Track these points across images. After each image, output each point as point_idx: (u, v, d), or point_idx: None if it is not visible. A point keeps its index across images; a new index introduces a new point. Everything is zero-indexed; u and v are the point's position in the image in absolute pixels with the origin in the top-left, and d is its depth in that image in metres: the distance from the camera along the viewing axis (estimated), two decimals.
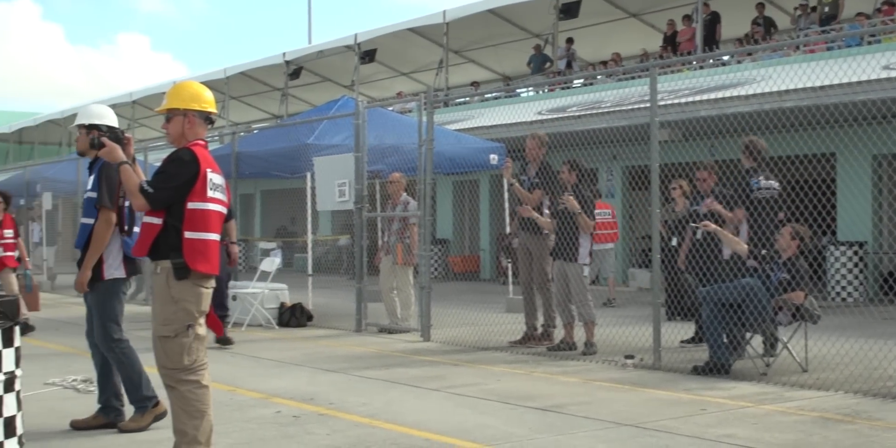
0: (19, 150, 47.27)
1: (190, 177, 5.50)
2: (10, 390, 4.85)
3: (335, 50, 30.15)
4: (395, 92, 32.40)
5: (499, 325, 11.99)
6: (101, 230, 6.69)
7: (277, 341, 11.93)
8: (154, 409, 6.86)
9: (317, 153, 13.43)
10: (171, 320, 5.49)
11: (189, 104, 5.76)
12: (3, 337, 4.81)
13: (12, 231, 12.05)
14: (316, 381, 8.90)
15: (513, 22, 27.04)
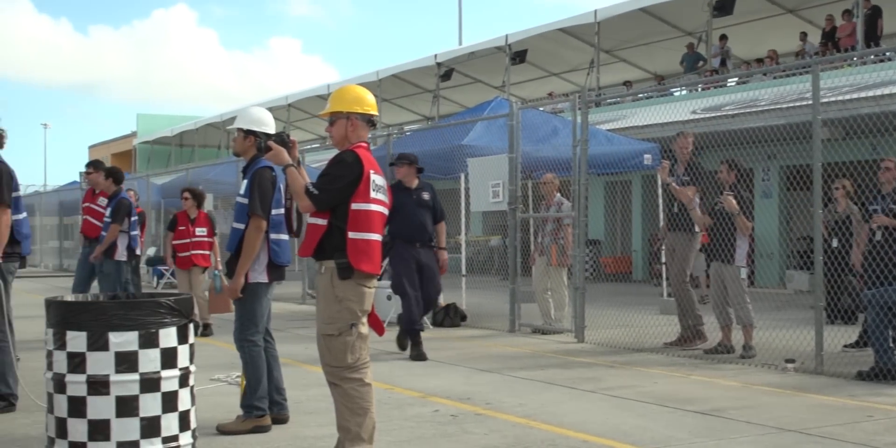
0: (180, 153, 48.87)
1: (353, 178, 5.61)
2: (185, 385, 5.05)
3: (486, 51, 30.28)
4: (545, 92, 32.35)
5: (653, 326, 11.88)
6: (252, 237, 6.83)
7: (432, 341, 12.03)
8: (259, 419, 6.89)
9: (470, 154, 13.53)
10: (335, 319, 5.61)
11: (352, 107, 5.87)
12: (178, 334, 5.00)
13: (206, 229, 12.34)
14: (472, 381, 8.97)
15: (665, 20, 26.71)
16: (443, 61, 31.58)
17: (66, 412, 4.88)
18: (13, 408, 7.63)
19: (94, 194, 12.24)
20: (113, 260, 11.68)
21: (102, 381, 4.81)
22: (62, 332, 4.89)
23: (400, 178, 10.97)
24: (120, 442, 4.80)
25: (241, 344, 6.93)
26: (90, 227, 12.12)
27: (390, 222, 9.98)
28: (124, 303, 4.97)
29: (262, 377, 6.92)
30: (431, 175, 15.62)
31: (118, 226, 11.60)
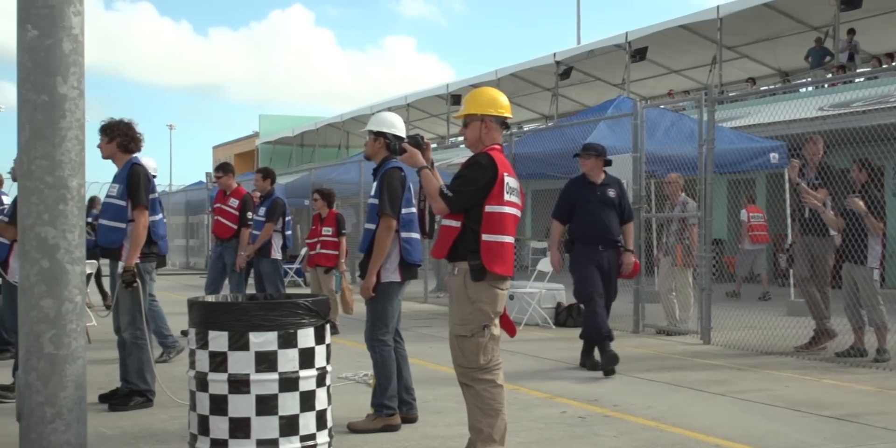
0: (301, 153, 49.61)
1: (487, 181, 5.63)
2: (322, 385, 5.13)
3: (605, 49, 30.08)
4: (665, 90, 32.00)
5: (781, 328, 11.66)
6: (382, 236, 6.91)
7: (556, 341, 12.02)
8: (389, 418, 6.94)
9: None
10: (467, 320, 5.65)
11: (486, 109, 5.90)
12: (315, 334, 5.09)
13: (331, 229, 12.55)
14: (598, 382, 8.92)
15: (790, 15, 26.18)
16: (562, 60, 31.46)
17: (207, 410, 5.00)
18: (151, 404, 7.85)
19: (225, 195, 12.53)
20: (269, 259, 11.98)
21: (243, 380, 4.92)
22: (204, 331, 5.02)
23: (585, 170, 10.00)
24: (260, 440, 4.90)
25: (371, 343, 7.01)
26: (221, 228, 12.41)
27: (571, 220, 9.94)
28: (264, 304, 5.08)
29: (392, 376, 6.99)
30: (553, 175, 15.60)
31: (273, 225, 11.91)
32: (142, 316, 7.71)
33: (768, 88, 21.98)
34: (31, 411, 4.68)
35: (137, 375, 7.83)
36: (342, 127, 44.26)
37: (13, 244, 8.28)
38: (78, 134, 4.79)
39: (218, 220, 12.54)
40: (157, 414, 7.59)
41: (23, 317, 4.74)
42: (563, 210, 10.02)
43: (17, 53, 4.79)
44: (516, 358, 10.51)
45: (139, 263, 7.74)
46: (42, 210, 4.70)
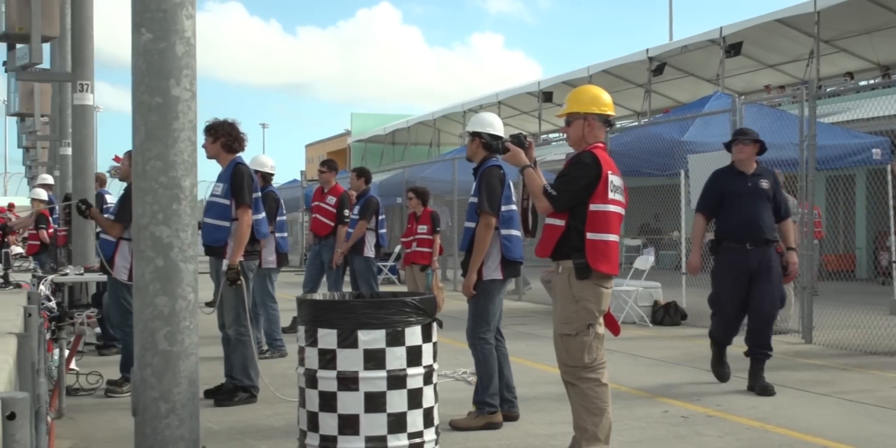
0: (392, 151, 49.89)
1: (592, 179, 5.62)
2: (429, 383, 5.17)
3: (699, 44, 29.75)
4: (760, 85, 31.52)
5: (885, 328, 11.41)
6: (482, 234, 6.93)
7: (653, 339, 11.93)
8: (491, 416, 6.96)
9: (691, 150, 13.32)
10: (572, 319, 5.64)
11: (589, 108, 5.88)
12: (422, 332, 5.13)
13: (426, 227, 12.63)
14: (699, 381, 8.84)
15: (889, 7, 25.60)
16: (654, 55, 31.19)
17: (317, 406, 5.07)
18: (254, 399, 7.97)
19: (324, 193, 12.67)
20: (362, 256, 12.09)
21: (352, 378, 4.97)
22: (314, 329, 5.09)
23: (742, 158, 8.71)
24: (368, 436, 4.95)
25: (473, 341, 7.03)
26: (320, 225, 12.55)
27: (716, 215, 8.77)
28: (372, 302, 5.13)
29: (494, 374, 7.00)
30: (649, 172, 15.49)
31: (365, 223, 12.03)
32: (245, 313, 7.83)
33: (868, 83, 21.49)
34: (146, 406, 4.78)
35: (242, 372, 7.95)
36: (433, 125, 44.40)
37: (119, 242, 8.46)
38: (190, 135, 4.88)
39: (316, 217, 12.70)
40: (261, 410, 7.71)
41: (138, 314, 4.84)
42: (711, 202, 8.73)
43: (131, 57, 4.89)
44: (614, 356, 10.43)
45: (242, 261, 7.86)
46: (156, 210, 4.80)
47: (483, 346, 7.00)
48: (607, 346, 10.83)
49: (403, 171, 23.68)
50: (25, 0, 11.20)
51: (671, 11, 39.76)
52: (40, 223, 15.15)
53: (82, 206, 8.63)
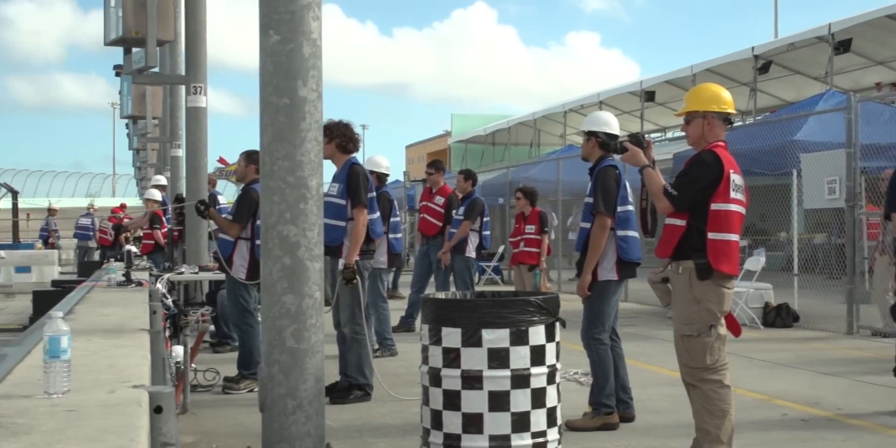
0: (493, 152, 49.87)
1: (713, 179, 5.55)
2: (552, 382, 5.16)
3: (806, 41, 29.13)
4: (870, 82, 30.78)
5: None
6: (597, 235, 6.89)
7: (765, 342, 11.74)
8: (608, 417, 6.92)
9: (804, 149, 13.08)
10: (693, 320, 5.58)
11: (709, 106, 5.81)
12: (546, 332, 5.12)
13: (534, 227, 12.62)
14: (816, 385, 8.67)
15: None
16: (760, 53, 30.66)
17: (441, 405, 5.09)
18: (369, 397, 8.04)
19: (432, 193, 12.73)
20: (463, 256, 12.13)
21: (476, 376, 4.99)
22: (437, 327, 5.11)
23: None
24: (492, 435, 4.96)
25: (588, 342, 7.00)
26: (428, 226, 12.62)
27: None
28: (496, 301, 5.14)
29: (610, 375, 6.96)
30: (758, 171, 15.25)
31: (470, 223, 12.07)
32: (361, 312, 7.90)
33: None
34: (274, 403, 4.85)
35: (357, 370, 8.03)
36: (534, 125, 44.27)
37: (236, 242, 8.61)
38: (317, 135, 4.95)
39: (424, 217, 12.77)
40: (375, 408, 7.78)
41: (265, 312, 4.92)
42: None
43: (259, 58, 4.97)
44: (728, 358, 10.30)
45: (358, 260, 7.94)
46: (284, 209, 4.87)
47: (598, 347, 6.96)
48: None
49: (507, 172, 23.67)
50: (142, 5, 11.45)
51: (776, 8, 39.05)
52: (154, 223, 15.47)
53: (201, 206, 8.79)
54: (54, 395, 3.02)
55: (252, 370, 8.48)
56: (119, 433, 2.54)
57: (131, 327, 5.08)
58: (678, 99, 33.48)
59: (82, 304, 6.60)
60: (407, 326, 12.50)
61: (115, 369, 3.59)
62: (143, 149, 29.00)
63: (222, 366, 9.14)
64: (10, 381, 3.37)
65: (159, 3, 11.49)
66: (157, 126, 21.37)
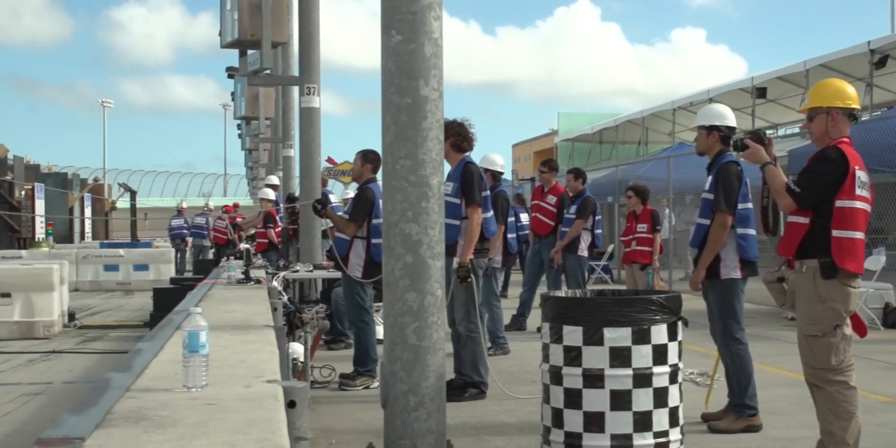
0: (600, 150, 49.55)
1: (838, 175, 5.45)
2: (674, 382, 5.12)
3: None
4: None
5: None
6: (716, 232, 6.79)
7: (887, 343, 11.45)
8: (751, 418, 6.79)
9: None
10: (818, 320, 5.48)
11: (832, 102, 5.70)
12: (668, 331, 5.08)
13: (646, 226, 12.52)
14: None
15: None
16: (876, 47, 29.93)
17: (562, 403, 5.09)
18: (484, 395, 8.06)
19: (544, 192, 12.72)
20: (575, 255, 12.10)
21: (597, 375, 4.98)
22: (558, 326, 5.11)
23: None
24: (614, 434, 4.94)
25: (726, 342, 6.87)
26: (540, 225, 12.61)
27: None
28: (618, 299, 5.13)
29: (751, 375, 6.85)
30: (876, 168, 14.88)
31: (582, 222, 12.03)
32: (476, 310, 7.93)
33: None
34: (396, 399, 4.90)
35: (472, 367, 8.06)
36: (642, 123, 43.84)
37: (353, 240, 8.70)
38: (438, 134, 4.98)
39: (536, 216, 12.76)
40: (491, 406, 7.79)
41: (387, 309, 4.97)
42: None
43: (381, 58, 5.02)
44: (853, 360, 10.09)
45: (473, 259, 7.96)
46: (406, 207, 4.91)
47: (737, 347, 6.83)
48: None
49: (616, 170, 23.49)
50: (257, 8, 11.65)
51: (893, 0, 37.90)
52: (268, 222, 15.73)
53: (317, 205, 8.91)
54: (193, 389, 3.10)
55: (368, 367, 8.58)
56: (261, 426, 2.60)
57: (256, 324, 5.19)
58: (790, 95, 32.86)
59: (206, 301, 6.76)
60: (518, 325, 12.51)
61: (247, 364, 3.68)
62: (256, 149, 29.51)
63: (337, 363, 9.25)
64: (147, 375, 3.47)
65: (274, 6, 11.67)
66: (269, 126, 21.72)
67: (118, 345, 12.21)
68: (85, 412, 2.73)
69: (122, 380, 3.29)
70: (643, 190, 12.71)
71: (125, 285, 22.63)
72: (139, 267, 23.10)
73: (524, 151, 59.99)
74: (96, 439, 2.46)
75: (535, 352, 10.06)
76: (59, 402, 8.58)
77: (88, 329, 14.05)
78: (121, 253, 23.67)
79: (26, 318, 12.98)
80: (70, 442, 2.38)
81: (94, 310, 17.57)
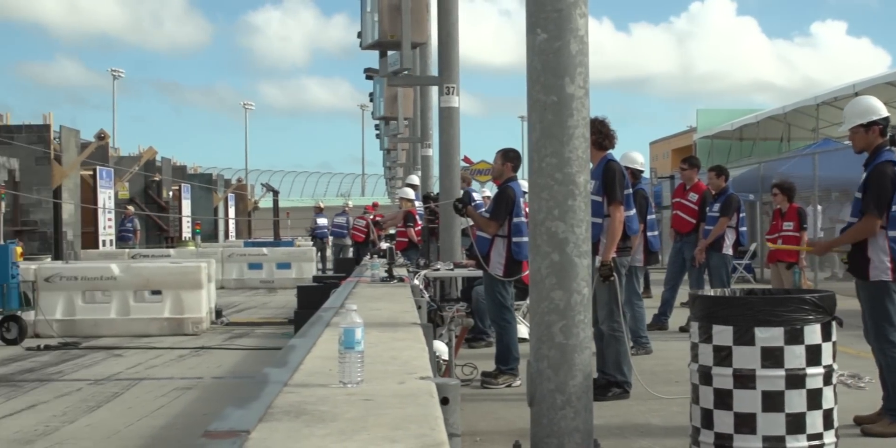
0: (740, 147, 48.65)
1: None
2: (829, 383, 4.99)
3: None
4: None
5: None
6: (859, 232, 6.59)
7: None
8: None
9: None
10: None
11: None
12: (822, 331, 4.96)
13: (792, 224, 12.27)
14: None
15: None
16: None
17: (711, 404, 5.01)
18: (627, 395, 7.99)
19: (685, 190, 12.56)
20: (719, 253, 11.92)
21: (748, 375, 4.88)
22: (708, 325, 5.03)
23: None
24: (766, 436, 4.84)
25: (880, 345, 6.63)
26: (680, 223, 12.46)
27: None
28: (770, 299, 5.02)
29: None
30: None
31: (727, 220, 11.85)
32: (619, 309, 7.87)
33: None
34: (543, 398, 4.89)
35: (615, 367, 8.00)
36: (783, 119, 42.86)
37: (494, 239, 8.72)
38: (584, 132, 4.96)
39: (677, 214, 12.61)
40: (635, 406, 7.72)
41: (534, 307, 4.97)
42: None
43: (526, 56, 5.02)
44: None
45: (615, 257, 7.90)
46: (552, 206, 4.90)
47: (891, 350, 6.59)
48: None
49: (759, 167, 23.01)
50: (396, 9, 11.77)
51: None
52: (409, 221, 15.88)
53: (458, 204, 8.95)
54: (349, 385, 3.15)
55: (510, 366, 8.59)
56: (419, 422, 2.62)
57: (404, 321, 5.25)
58: None
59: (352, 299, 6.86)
60: (660, 324, 12.36)
61: (399, 361, 3.72)
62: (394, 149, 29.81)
63: (479, 361, 9.28)
64: (303, 371, 3.54)
65: (413, 7, 11.76)
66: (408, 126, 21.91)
67: (264, 341, 12.50)
68: (247, 406, 2.80)
69: (280, 375, 3.36)
70: (789, 187, 12.43)
71: (268, 283, 23.14)
72: (282, 265, 23.59)
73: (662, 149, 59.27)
74: (260, 432, 2.52)
75: (678, 351, 9.99)
76: (209, 396, 8.83)
77: (235, 326, 14.42)
78: (264, 252, 24.21)
79: (176, 315, 13.38)
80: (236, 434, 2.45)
81: (239, 307, 18.01)
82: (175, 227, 35.55)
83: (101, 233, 26.95)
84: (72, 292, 13.38)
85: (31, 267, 13.42)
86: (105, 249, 26.13)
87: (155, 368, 10.41)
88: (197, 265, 13.88)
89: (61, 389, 9.12)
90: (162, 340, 12.60)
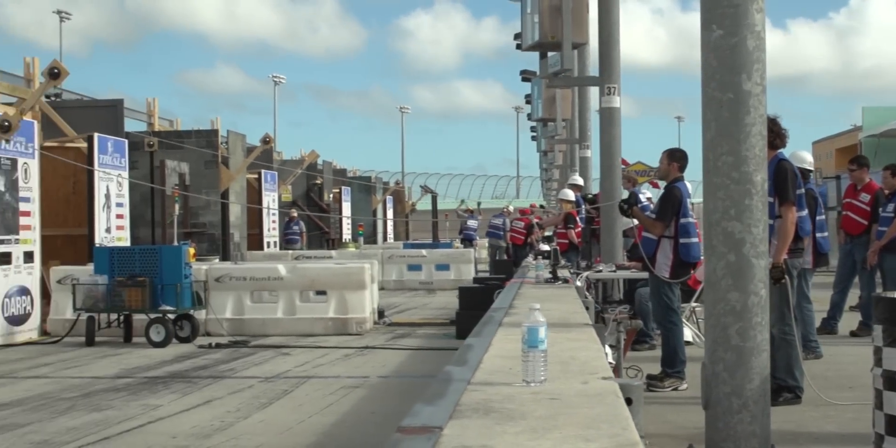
0: None
1: None
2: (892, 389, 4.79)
3: None
4: None
5: None
6: None
7: None
8: None
9: None
10: None
11: None
12: None
13: None
14: None
15: None
16: None
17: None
18: (799, 400, 7.79)
19: (856, 190, 12.19)
20: (893, 255, 11.53)
21: None
22: (892, 328, 4.87)
23: None
24: None
25: None
26: (851, 224, 12.10)
27: None
28: None
29: None
30: None
31: None
32: (790, 312, 7.68)
33: None
34: (718, 401, 4.81)
35: (786, 371, 7.80)
36: None
37: (660, 240, 8.61)
38: (761, 130, 4.86)
39: (847, 215, 12.25)
40: (808, 411, 7.52)
41: (709, 309, 4.89)
42: None
43: (700, 53, 4.95)
44: None
45: (786, 259, 7.71)
46: (728, 205, 4.81)
47: None
48: None
49: None
50: (557, 10, 11.76)
51: None
52: (569, 223, 15.82)
53: (624, 205, 8.88)
54: (532, 384, 3.16)
55: (676, 369, 8.47)
56: (610, 422, 2.61)
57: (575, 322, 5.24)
58: None
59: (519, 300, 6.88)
60: (829, 329, 12.01)
61: (578, 361, 3.71)
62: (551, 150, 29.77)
63: (642, 363, 9.17)
64: (483, 369, 3.56)
65: (574, 8, 11.74)
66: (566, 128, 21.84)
67: (426, 342, 12.62)
68: (436, 403, 2.83)
69: (462, 373, 3.39)
70: None
71: (427, 284, 23.37)
72: (441, 267, 23.79)
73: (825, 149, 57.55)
74: (452, 429, 2.54)
75: (850, 357, 9.71)
76: (376, 395, 8.97)
77: (397, 326, 14.59)
78: (423, 253, 24.45)
79: (340, 315, 13.62)
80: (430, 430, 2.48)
81: (400, 308, 18.23)
82: (336, 229, 36.21)
83: (266, 234, 27.60)
84: (241, 292, 13.76)
85: (203, 267, 13.85)
86: (269, 251, 26.78)
87: (322, 367, 10.62)
88: (361, 266, 14.10)
89: (234, 386, 9.39)
90: (327, 340, 12.85)
